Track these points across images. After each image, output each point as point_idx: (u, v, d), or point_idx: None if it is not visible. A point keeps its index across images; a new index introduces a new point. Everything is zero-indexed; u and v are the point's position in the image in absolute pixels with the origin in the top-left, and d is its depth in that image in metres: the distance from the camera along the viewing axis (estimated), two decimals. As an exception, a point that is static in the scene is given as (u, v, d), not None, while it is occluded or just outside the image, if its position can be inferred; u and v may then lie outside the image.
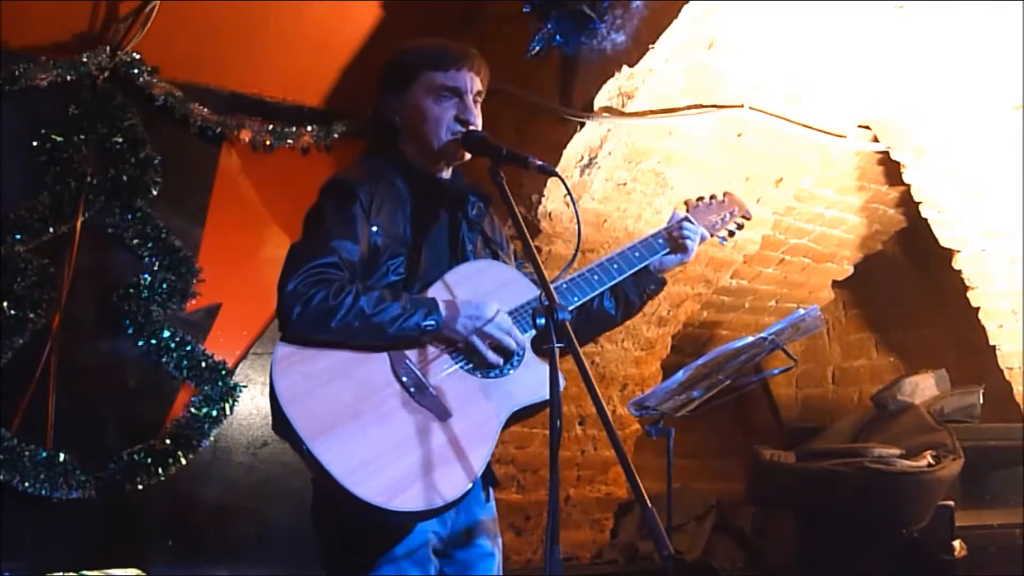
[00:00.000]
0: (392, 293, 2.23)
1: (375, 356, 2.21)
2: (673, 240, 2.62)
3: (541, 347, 2.29)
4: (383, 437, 2.13)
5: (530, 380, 2.27)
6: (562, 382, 2.03)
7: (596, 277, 2.48)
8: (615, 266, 2.52)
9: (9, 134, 3.87)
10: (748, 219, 2.88)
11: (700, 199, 2.80)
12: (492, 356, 2.26)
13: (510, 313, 2.32)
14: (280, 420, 2.13)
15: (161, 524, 4.05)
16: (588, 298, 2.47)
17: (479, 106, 2.45)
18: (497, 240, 2.55)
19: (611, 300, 2.60)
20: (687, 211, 2.73)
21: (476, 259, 2.43)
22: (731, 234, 2.84)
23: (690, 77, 3.96)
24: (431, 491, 2.10)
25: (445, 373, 2.25)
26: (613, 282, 2.51)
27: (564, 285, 2.43)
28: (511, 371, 2.30)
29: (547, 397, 2.01)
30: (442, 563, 2.31)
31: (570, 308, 2.42)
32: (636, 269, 2.57)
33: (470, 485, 2.16)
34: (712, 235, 2.77)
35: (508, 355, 2.30)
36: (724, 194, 2.84)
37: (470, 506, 2.33)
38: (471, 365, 2.27)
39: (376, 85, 2.50)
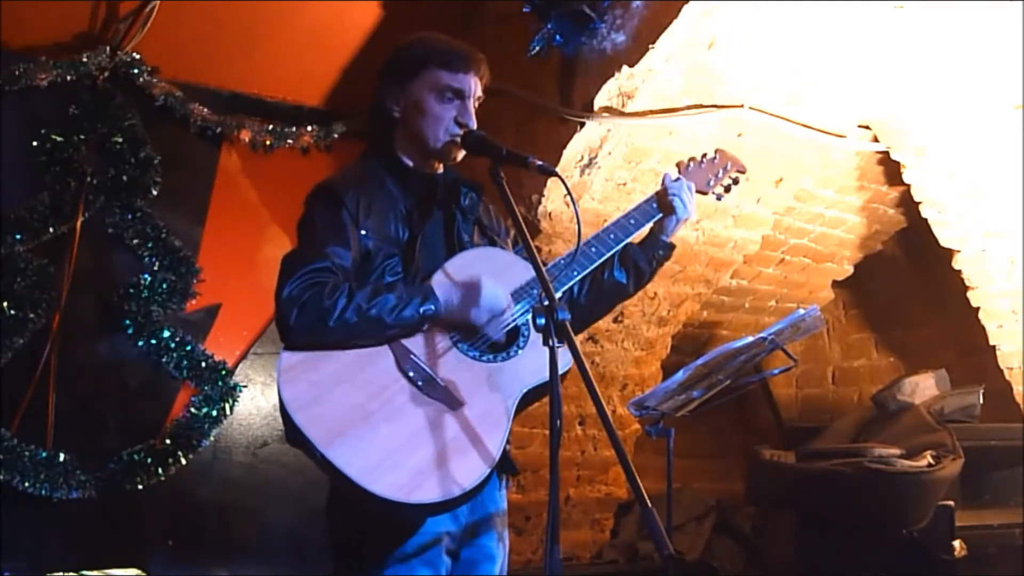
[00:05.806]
0: (387, 287, 2.23)
1: (380, 355, 2.20)
2: (663, 202, 2.64)
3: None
4: (396, 433, 2.12)
5: (537, 360, 2.24)
6: (567, 363, 2.01)
7: (594, 249, 2.51)
8: (611, 236, 2.55)
9: (9, 134, 3.87)
10: (743, 172, 2.89)
11: (692, 159, 2.81)
12: (494, 332, 2.26)
13: (512, 294, 2.33)
14: (292, 430, 2.12)
15: (161, 524, 4.04)
16: (588, 271, 2.50)
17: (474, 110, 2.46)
18: (494, 228, 2.55)
19: (621, 271, 2.62)
20: (678, 172, 2.75)
21: (474, 247, 2.44)
22: (727, 189, 2.86)
23: (690, 77, 3.96)
24: (449, 480, 2.09)
25: (452, 363, 2.24)
26: (611, 252, 2.53)
27: (563, 261, 2.45)
28: (518, 353, 2.30)
29: None
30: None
31: (572, 283, 2.47)
32: (633, 236, 2.59)
33: (488, 470, 2.14)
34: (707, 192, 2.79)
35: (512, 336, 2.30)
36: (716, 151, 2.85)
37: (483, 501, 2.32)
38: (477, 352, 2.27)
39: (379, 72, 2.49)
